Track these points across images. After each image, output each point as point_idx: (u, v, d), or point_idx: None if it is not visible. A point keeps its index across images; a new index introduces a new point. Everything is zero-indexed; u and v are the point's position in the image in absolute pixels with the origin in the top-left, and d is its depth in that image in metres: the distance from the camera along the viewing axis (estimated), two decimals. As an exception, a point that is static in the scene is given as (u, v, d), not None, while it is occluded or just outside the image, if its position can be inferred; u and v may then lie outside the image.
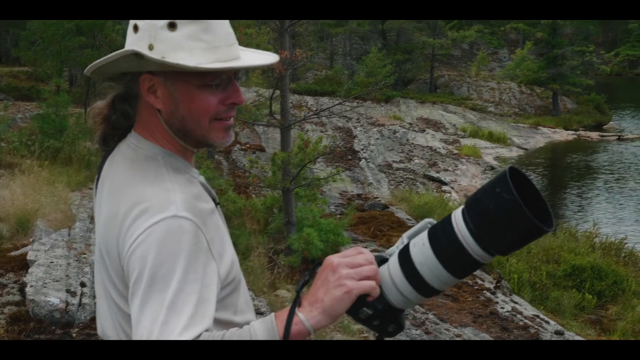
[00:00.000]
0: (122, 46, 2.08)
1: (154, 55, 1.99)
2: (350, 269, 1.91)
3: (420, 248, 1.91)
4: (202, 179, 2.25)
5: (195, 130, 2.11)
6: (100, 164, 2.25)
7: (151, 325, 1.84)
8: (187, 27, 2.03)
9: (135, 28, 2.08)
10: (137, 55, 1.98)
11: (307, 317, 1.92)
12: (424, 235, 1.93)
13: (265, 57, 2.24)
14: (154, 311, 1.84)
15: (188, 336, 1.84)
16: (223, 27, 2.09)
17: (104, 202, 2.11)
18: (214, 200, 2.24)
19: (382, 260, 2.01)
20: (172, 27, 2.02)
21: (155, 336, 1.83)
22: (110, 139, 2.22)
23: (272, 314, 1.96)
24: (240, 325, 2.11)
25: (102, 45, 20.87)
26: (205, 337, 1.86)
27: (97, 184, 2.25)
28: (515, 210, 1.75)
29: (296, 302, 1.96)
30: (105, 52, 20.81)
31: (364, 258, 1.94)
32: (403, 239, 2.00)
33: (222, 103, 2.10)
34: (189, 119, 2.09)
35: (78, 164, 16.26)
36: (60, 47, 20.37)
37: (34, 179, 13.60)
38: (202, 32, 2.04)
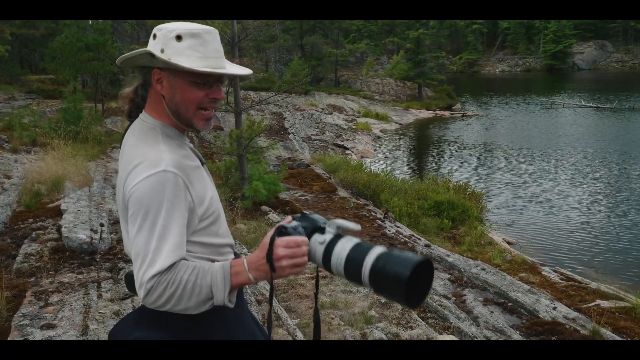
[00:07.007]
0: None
1: (162, 56, 2.03)
2: (289, 260, 1.92)
3: (340, 252, 1.89)
4: (191, 145, 2.25)
5: (185, 114, 2.11)
6: (124, 132, 2.25)
7: (145, 247, 1.88)
8: (188, 40, 2.03)
9: (154, 36, 2.08)
10: (150, 54, 2.03)
11: (253, 276, 1.95)
12: (347, 246, 1.89)
13: (241, 70, 2.23)
14: (147, 237, 1.89)
15: (173, 257, 1.89)
16: (214, 44, 2.09)
17: (123, 157, 2.12)
18: (200, 160, 2.24)
19: (313, 229, 1.97)
20: (178, 38, 2.03)
21: (149, 257, 1.87)
22: (134, 114, 2.23)
23: (229, 263, 1.99)
24: (221, 245, 2.18)
25: (104, 58, 20.36)
26: (183, 265, 1.92)
27: (122, 144, 2.26)
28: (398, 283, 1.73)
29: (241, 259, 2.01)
30: (107, 64, 20.32)
31: (302, 253, 1.93)
32: (334, 227, 1.96)
33: (207, 96, 2.10)
34: (181, 105, 2.09)
35: (92, 142, 15.91)
36: (75, 60, 19.85)
37: (62, 153, 13.38)
38: (198, 45, 2.04)
